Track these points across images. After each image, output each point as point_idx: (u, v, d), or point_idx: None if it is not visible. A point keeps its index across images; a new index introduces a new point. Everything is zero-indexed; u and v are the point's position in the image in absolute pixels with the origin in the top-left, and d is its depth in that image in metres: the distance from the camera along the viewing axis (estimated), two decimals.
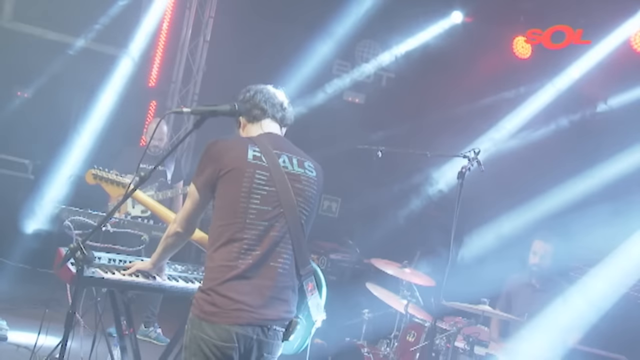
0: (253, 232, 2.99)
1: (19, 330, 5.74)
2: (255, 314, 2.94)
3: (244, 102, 3.26)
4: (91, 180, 4.07)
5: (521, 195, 7.81)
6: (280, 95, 3.35)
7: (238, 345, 2.93)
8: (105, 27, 8.84)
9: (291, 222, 3.06)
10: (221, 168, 3.01)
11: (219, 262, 2.98)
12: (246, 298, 2.93)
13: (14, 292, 7.09)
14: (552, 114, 8.32)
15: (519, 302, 6.01)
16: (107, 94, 8.66)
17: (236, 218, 2.98)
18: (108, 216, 3.39)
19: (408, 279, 5.69)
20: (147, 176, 3.23)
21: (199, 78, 9.42)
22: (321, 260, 7.74)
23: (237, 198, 2.99)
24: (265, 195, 3.03)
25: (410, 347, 5.35)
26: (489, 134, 8.55)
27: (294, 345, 3.21)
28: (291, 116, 3.37)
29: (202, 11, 9.36)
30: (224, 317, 2.91)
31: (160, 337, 6.53)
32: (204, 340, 2.91)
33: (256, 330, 2.96)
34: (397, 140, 8.66)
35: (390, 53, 9.71)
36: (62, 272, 3.55)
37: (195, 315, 2.96)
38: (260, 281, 2.98)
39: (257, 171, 3.03)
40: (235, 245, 2.97)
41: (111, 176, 4.02)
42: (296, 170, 3.16)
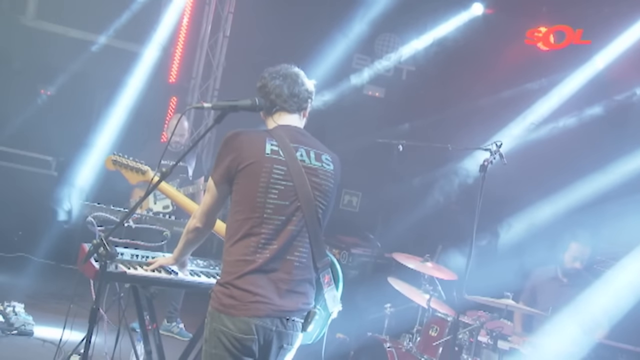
0: (270, 227, 3.00)
1: (44, 326, 5.81)
2: (273, 306, 2.97)
3: (258, 91, 3.22)
4: (111, 166, 4.09)
5: (546, 188, 7.74)
6: (307, 82, 3.27)
7: (257, 337, 2.96)
8: (126, 24, 8.91)
9: (308, 216, 3.07)
10: (239, 162, 3.00)
11: (237, 257, 2.99)
12: (264, 291, 2.96)
13: (39, 287, 7.17)
14: (578, 104, 8.22)
15: (545, 296, 5.97)
16: (129, 90, 8.72)
17: (254, 213, 2.99)
18: (130, 212, 3.42)
19: (430, 273, 5.66)
20: (169, 172, 3.24)
21: (219, 73, 9.45)
22: (342, 255, 7.72)
23: (254, 193, 2.99)
24: (282, 189, 3.03)
25: (433, 342, 5.31)
26: (512, 126, 8.47)
27: (312, 336, 3.23)
28: (306, 99, 3.26)
29: (221, 7, 9.38)
30: (243, 309, 2.93)
31: (182, 332, 6.57)
32: (224, 332, 2.94)
33: (275, 321, 2.99)
34: (418, 134, 8.63)
35: (410, 46, 9.66)
36: (86, 268, 3.59)
37: (214, 308, 2.98)
38: (277, 275, 3.00)
39: (275, 165, 3.03)
40: (252, 240, 2.99)
41: (130, 162, 4.04)
42: (313, 163, 3.15)
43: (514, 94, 8.67)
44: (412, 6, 9.06)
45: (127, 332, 4.48)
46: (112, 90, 8.77)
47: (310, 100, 3.29)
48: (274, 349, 3.03)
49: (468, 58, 9.12)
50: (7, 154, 8.59)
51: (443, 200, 8.61)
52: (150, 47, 8.87)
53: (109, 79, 8.81)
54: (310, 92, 3.28)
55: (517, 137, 8.34)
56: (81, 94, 8.79)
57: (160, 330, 6.30)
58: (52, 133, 8.25)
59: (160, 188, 3.65)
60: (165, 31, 8.93)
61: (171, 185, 6.25)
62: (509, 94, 8.68)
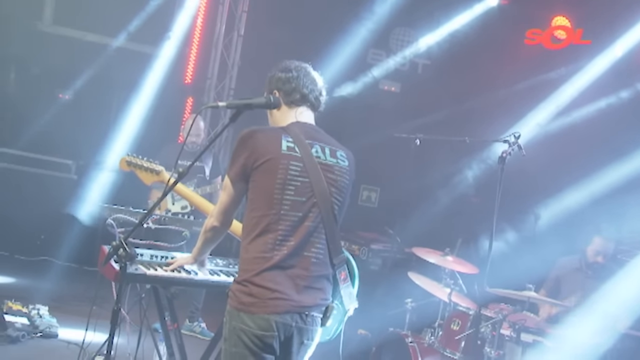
0: (287, 223, 3.00)
1: (68, 327, 5.87)
2: (292, 302, 2.97)
3: (284, 82, 3.21)
4: (125, 167, 4.06)
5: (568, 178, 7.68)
6: (319, 79, 3.30)
7: (278, 334, 2.96)
8: (141, 26, 8.96)
9: (324, 212, 3.07)
10: (256, 159, 3.00)
11: (254, 254, 2.99)
12: (282, 287, 2.96)
13: (63, 290, 7.25)
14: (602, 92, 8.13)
15: (569, 286, 5.93)
16: (145, 92, 8.77)
17: (271, 209, 2.99)
18: (148, 213, 3.42)
19: (450, 266, 5.62)
20: (185, 172, 3.25)
21: (234, 73, 9.46)
22: (362, 250, 7.70)
23: (271, 189, 2.99)
24: (299, 186, 3.03)
25: (455, 336, 5.29)
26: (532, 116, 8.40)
27: (331, 331, 3.23)
28: (325, 102, 3.31)
29: (235, 6, 9.39)
30: (262, 306, 2.93)
31: (204, 331, 6.60)
32: (244, 330, 2.94)
33: (295, 317, 2.99)
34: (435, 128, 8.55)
35: (425, 40, 9.60)
36: (106, 270, 3.61)
37: (233, 307, 2.99)
38: (295, 271, 3.01)
39: (291, 162, 3.03)
40: (270, 237, 2.99)
41: (144, 163, 4.02)
42: (329, 160, 3.15)
43: (532, 84, 8.60)
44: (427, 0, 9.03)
45: (149, 332, 4.50)
46: (128, 93, 8.82)
47: (323, 98, 3.30)
48: (295, 345, 3.03)
49: (484, 50, 9.06)
50: (28, 158, 8.69)
51: (462, 193, 8.57)
52: (165, 49, 8.90)
53: (126, 82, 8.86)
54: (324, 90, 3.31)
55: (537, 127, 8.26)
56: (98, 97, 8.85)
57: (182, 330, 6.35)
58: (71, 137, 8.33)
59: (176, 189, 3.65)
60: (180, 32, 8.96)
61: (188, 186, 6.34)
62: (527, 84, 8.61)
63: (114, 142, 8.56)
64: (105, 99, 8.88)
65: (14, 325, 5.58)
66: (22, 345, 5.47)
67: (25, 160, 8.65)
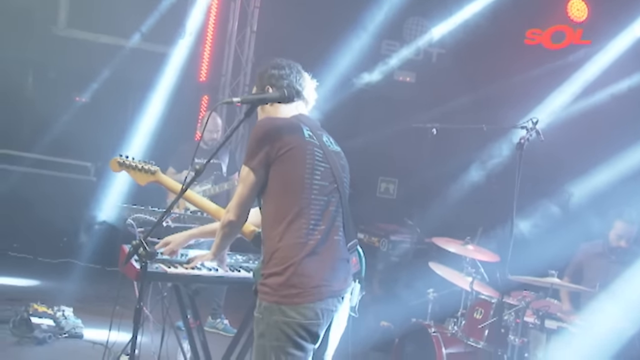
0: (317, 208, 3.06)
1: (93, 328, 5.93)
2: (332, 287, 3.03)
3: (277, 78, 3.26)
4: (116, 168, 3.91)
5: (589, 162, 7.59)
6: (308, 79, 3.39)
7: (322, 320, 3.00)
8: (154, 26, 8.99)
9: (343, 196, 3.18)
10: (280, 146, 3.03)
11: (290, 240, 3.00)
12: (321, 274, 3.00)
13: (86, 291, 7.32)
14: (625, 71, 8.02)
15: (592, 272, 5.88)
16: (160, 92, 8.81)
17: (303, 193, 3.03)
18: (166, 212, 3.41)
19: (471, 255, 5.60)
20: (202, 169, 3.24)
21: (248, 69, 9.47)
22: (382, 242, 7.68)
23: (302, 174, 3.04)
24: (323, 171, 3.11)
25: (478, 325, 5.26)
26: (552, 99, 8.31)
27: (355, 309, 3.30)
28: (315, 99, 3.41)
29: (247, 2, 9.39)
30: (307, 296, 2.95)
31: (227, 328, 6.62)
32: (287, 323, 2.94)
33: (334, 301, 3.05)
34: (452, 117, 8.51)
35: (439, 29, 9.53)
36: (127, 269, 3.63)
37: (272, 302, 2.97)
38: (329, 255, 3.06)
39: (315, 149, 3.11)
40: (303, 222, 3.02)
41: (138, 163, 3.88)
42: (335, 148, 3.30)
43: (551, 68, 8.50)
44: None
45: (172, 330, 4.53)
46: (144, 93, 8.87)
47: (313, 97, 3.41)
48: (333, 328, 3.11)
49: (499, 36, 8.96)
50: (47, 162, 8.80)
51: (481, 182, 8.51)
52: (179, 48, 8.93)
53: (141, 82, 8.91)
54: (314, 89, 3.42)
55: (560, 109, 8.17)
56: (115, 99, 8.92)
57: (205, 327, 6.38)
58: (89, 139, 8.39)
59: (185, 197, 3.58)
60: (193, 30, 8.98)
61: (205, 184, 6.36)
62: (545, 68, 8.52)
63: (131, 142, 8.60)
64: (121, 100, 8.94)
65: (40, 327, 5.65)
66: (48, 346, 5.55)
67: (45, 164, 8.76)
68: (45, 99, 8.99)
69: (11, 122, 8.47)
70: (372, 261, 7.24)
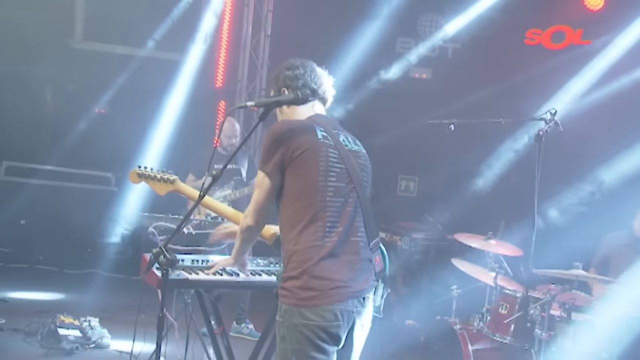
0: (333, 210, 3.03)
1: (119, 338, 5.97)
2: (351, 288, 3.00)
3: (292, 79, 3.25)
4: (136, 179, 3.92)
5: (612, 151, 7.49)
6: (325, 75, 3.36)
7: (342, 322, 2.97)
8: (169, 34, 9.05)
9: (361, 196, 3.14)
10: (295, 149, 3.02)
11: (306, 244, 2.99)
12: (340, 275, 2.98)
13: (111, 301, 7.38)
14: None
15: (618, 263, 5.81)
16: (177, 99, 8.86)
17: (317, 197, 3.01)
18: (185, 218, 3.43)
19: (494, 250, 5.55)
20: (219, 175, 3.24)
21: (264, 73, 9.48)
22: (404, 240, 7.65)
23: (316, 177, 3.02)
24: (338, 172, 3.08)
25: (504, 320, 5.21)
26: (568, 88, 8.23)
27: (379, 309, 3.27)
28: (333, 96, 3.38)
29: (260, 6, 9.40)
30: (325, 298, 2.93)
31: (252, 333, 6.63)
32: (307, 326, 2.93)
33: (354, 302, 3.02)
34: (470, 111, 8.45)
35: (453, 24, 9.47)
36: (149, 277, 3.64)
37: (291, 305, 2.97)
38: (348, 257, 3.03)
39: (329, 150, 3.08)
40: (319, 225, 3.00)
41: (157, 174, 3.90)
42: (354, 147, 3.25)
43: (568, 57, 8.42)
44: None
45: (197, 337, 4.54)
46: (161, 101, 8.92)
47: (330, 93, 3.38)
48: (356, 329, 3.08)
49: (514, 27, 8.90)
50: (69, 174, 8.91)
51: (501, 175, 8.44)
52: (194, 54, 8.97)
53: (157, 90, 8.95)
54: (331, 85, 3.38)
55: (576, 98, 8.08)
56: (132, 108, 8.96)
57: (230, 333, 6.42)
58: (109, 149, 8.48)
59: (203, 203, 3.58)
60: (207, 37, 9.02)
61: (225, 189, 6.38)
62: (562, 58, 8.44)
63: (150, 151, 8.66)
64: (139, 110, 8.98)
65: (67, 338, 5.71)
66: (76, 357, 5.59)
67: (66, 176, 8.88)
68: (65, 112, 9.12)
69: (33, 137, 8.57)
70: (395, 260, 7.20)
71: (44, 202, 8.55)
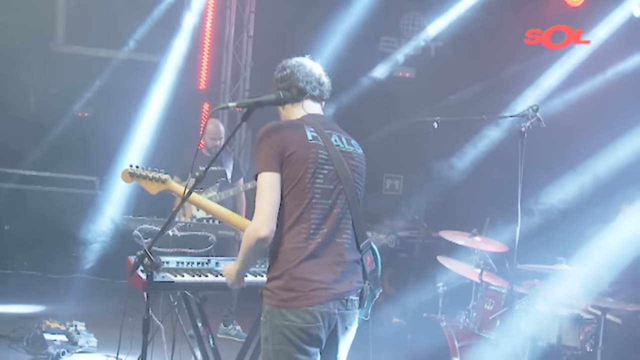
0: (318, 212, 3.02)
1: (106, 341, 5.91)
2: (332, 290, 2.99)
3: (281, 81, 3.24)
4: (127, 179, 3.91)
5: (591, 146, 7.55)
6: (317, 69, 3.30)
7: (323, 324, 2.97)
8: (151, 36, 9.02)
9: (350, 198, 3.11)
10: (284, 150, 2.99)
11: (289, 245, 2.99)
12: (321, 277, 2.97)
13: (98, 305, 7.33)
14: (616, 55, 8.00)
15: None
16: (160, 101, 8.84)
17: (303, 199, 3.00)
18: (169, 221, 3.41)
19: (479, 247, 5.58)
20: (202, 176, 3.23)
21: (247, 74, 9.47)
22: (389, 238, 7.68)
23: (303, 179, 3.00)
24: (327, 174, 3.06)
25: (490, 316, 5.26)
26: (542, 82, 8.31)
27: (367, 312, 3.23)
28: (329, 89, 3.32)
29: (242, 7, 9.39)
30: (305, 299, 2.94)
31: (240, 334, 6.62)
32: (288, 327, 2.94)
33: (336, 304, 3.00)
34: (454, 109, 8.51)
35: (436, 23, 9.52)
36: (134, 280, 3.63)
37: (272, 305, 2.98)
38: (331, 258, 3.02)
39: (319, 151, 3.06)
40: (303, 226, 2.99)
41: (148, 173, 3.88)
42: (347, 147, 3.20)
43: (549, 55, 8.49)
44: None
45: (184, 340, 4.53)
46: (144, 104, 8.89)
47: (329, 91, 3.32)
48: (339, 332, 3.06)
49: (497, 24, 8.95)
50: (52, 179, 8.87)
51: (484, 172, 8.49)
52: (177, 56, 8.95)
53: (140, 93, 8.93)
54: (323, 78, 3.31)
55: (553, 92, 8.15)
56: (115, 111, 8.92)
57: (218, 334, 6.41)
58: (93, 153, 8.44)
59: (192, 200, 3.55)
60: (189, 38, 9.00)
61: (210, 191, 6.36)
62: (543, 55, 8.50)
63: (135, 154, 8.63)
64: (122, 112, 8.95)
65: (54, 343, 5.67)
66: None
67: (50, 181, 8.85)
68: (48, 116, 9.05)
69: (16, 141, 8.50)
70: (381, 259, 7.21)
71: (28, 207, 8.49)
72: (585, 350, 5.02)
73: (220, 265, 4.02)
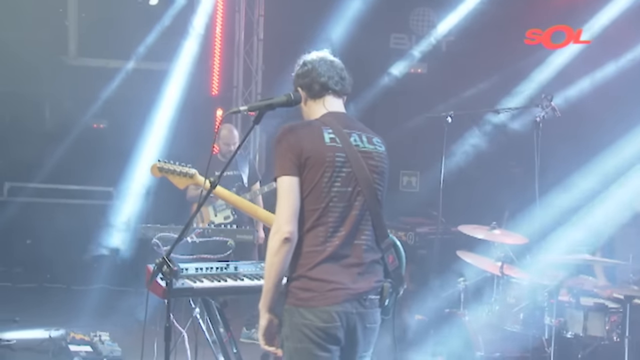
0: (336, 215, 3.01)
1: (130, 351, 5.94)
2: (349, 290, 2.98)
3: (302, 77, 3.19)
4: (157, 173, 4.00)
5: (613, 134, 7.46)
6: (338, 63, 3.25)
7: (341, 323, 2.97)
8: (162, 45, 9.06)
9: (369, 199, 3.08)
10: (301, 154, 2.97)
11: (307, 248, 2.99)
12: (338, 277, 2.97)
13: (121, 314, 7.35)
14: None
15: (623, 243, 5.78)
16: (174, 109, 8.87)
17: (320, 203, 2.99)
18: (187, 226, 3.43)
19: (499, 240, 5.54)
20: (217, 181, 3.24)
21: (259, 78, 9.47)
22: (409, 236, 7.64)
23: (319, 183, 2.99)
24: (344, 177, 3.03)
25: (513, 309, 5.21)
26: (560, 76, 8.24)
27: (389, 310, 3.20)
28: (350, 84, 3.26)
29: (251, 11, 9.39)
30: (322, 299, 2.94)
31: None
32: (307, 325, 2.94)
33: (354, 304, 3.00)
34: (467, 103, 8.46)
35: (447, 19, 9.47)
36: (154, 288, 3.65)
37: (291, 304, 2.99)
38: (349, 260, 3.02)
39: (336, 154, 3.03)
40: (320, 230, 2.99)
41: (176, 167, 3.95)
42: (367, 147, 3.15)
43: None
44: None
45: (208, 345, 4.53)
46: (158, 112, 8.92)
47: (346, 81, 3.26)
48: (359, 331, 3.05)
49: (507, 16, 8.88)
50: (70, 191, 8.93)
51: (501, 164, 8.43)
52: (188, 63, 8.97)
53: (153, 102, 8.96)
54: (344, 72, 3.25)
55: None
56: (130, 121, 8.97)
57: (241, 338, 6.43)
58: (108, 164, 8.49)
59: (215, 192, 3.56)
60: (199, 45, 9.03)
61: None
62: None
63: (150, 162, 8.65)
64: (136, 122, 8.99)
65: (79, 354, 5.71)
66: None
67: (68, 193, 8.95)
68: (63, 129, 9.13)
69: (34, 155, 8.62)
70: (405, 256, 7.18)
71: (48, 220, 8.57)
72: (612, 340, 4.97)
73: (239, 269, 4.03)
